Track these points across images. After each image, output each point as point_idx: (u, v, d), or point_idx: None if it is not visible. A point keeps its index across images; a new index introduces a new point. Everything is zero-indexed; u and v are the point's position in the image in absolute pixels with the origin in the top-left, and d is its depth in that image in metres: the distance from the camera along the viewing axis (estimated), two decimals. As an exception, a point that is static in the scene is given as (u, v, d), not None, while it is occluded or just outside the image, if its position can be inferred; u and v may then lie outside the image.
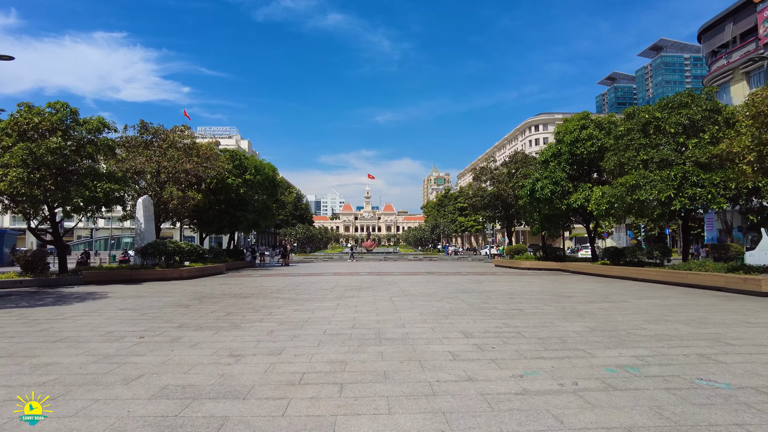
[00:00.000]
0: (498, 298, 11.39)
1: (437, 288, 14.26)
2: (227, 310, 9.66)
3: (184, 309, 9.86)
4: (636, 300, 11.03)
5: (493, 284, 15.69)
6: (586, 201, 22.36)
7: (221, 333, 7.06)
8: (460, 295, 12.23)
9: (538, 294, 12.47)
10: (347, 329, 7.27)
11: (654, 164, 17.31)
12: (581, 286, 14.83)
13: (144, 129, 25.26)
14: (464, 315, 8.67)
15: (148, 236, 21.55)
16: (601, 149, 22.93)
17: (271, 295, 12.43)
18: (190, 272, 19.67)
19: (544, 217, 25.10)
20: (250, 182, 31.43)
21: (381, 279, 18.40)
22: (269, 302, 10.94)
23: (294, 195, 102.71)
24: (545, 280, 17.81)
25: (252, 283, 16.68)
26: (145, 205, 21.82)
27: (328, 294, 12.73)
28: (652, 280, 16.09)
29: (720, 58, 41.86)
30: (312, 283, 16.45)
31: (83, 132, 17.33)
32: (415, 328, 7.29)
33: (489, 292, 13.02)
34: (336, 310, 9.40)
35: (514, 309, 9.49)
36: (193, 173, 23.90)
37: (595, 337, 6.61)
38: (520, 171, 32.72)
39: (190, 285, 16.02)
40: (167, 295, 12.83)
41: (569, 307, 9.73)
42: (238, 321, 8.20)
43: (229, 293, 13.14)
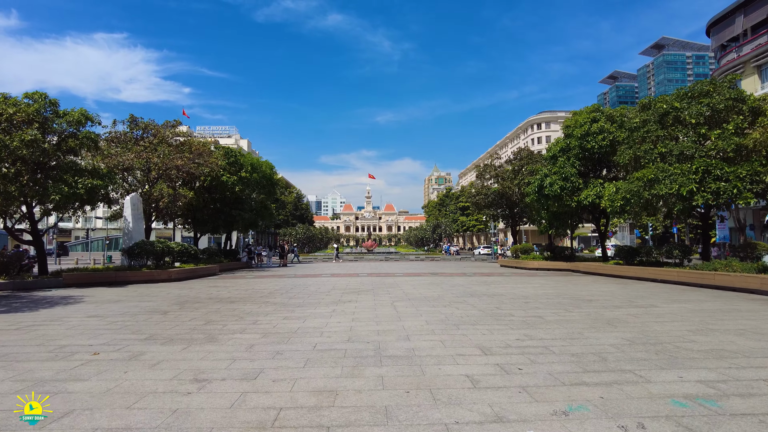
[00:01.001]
0: (512, 303, 10.26)
1: (443, 291, 13.14)
2: (208, 317, 8.56)
3: (160, 316, 8.76)
4: (665, 304, 9.90)
5: (502, 286, 14.57)
6: (597, 197, 21.25)
7: (192, 348, 5.96)
8: (469, 299, 11.11)
9: (555, 297, 11.35)
10: (342, 343, 6.16)
11: (673, 157, 16.18)
12: (599, 288, 13.70)
13: (134, 124, 24.19)
14: (477, 324, 7.55)
15: (137, 236, 20.47)
16: (612, 143, 21.82)
17: (260, 300, 11.32)
18: (179, 274, 18.57)
19: (552, 214, 23.97)
20: (246, 180, 30.36)
21: (382, 281, 17.29)
22: (257, 308, 9.84)
23: (294, 195, 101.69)
24: (557, 281, 16.69)
25: (243, 286, 15.58)
26: (133, 203, 20.73)
27: (324, 298, 11.61)
28: (673, 281, 14.96)
29: (730, 51, 40.66)
30: (307, 286, 15.34)
31: (64, 125, 16.25)
32: (422, 342, 6.17)
33: (500, 295, 11.89)
34: (330, 318, 8.29)
35: (532, 316, 8.37)
36: (185, 170, 22.80)
37: (638, 352, 5.49)
38: (526, 168, 31.60)
39: (176, 288, 14.92)
40: (148, 299, 11.73)
41: (594, 314, 8.61)
42: (216, 332, 7.10)
43: (216, 297, 12.03)
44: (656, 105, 17.67)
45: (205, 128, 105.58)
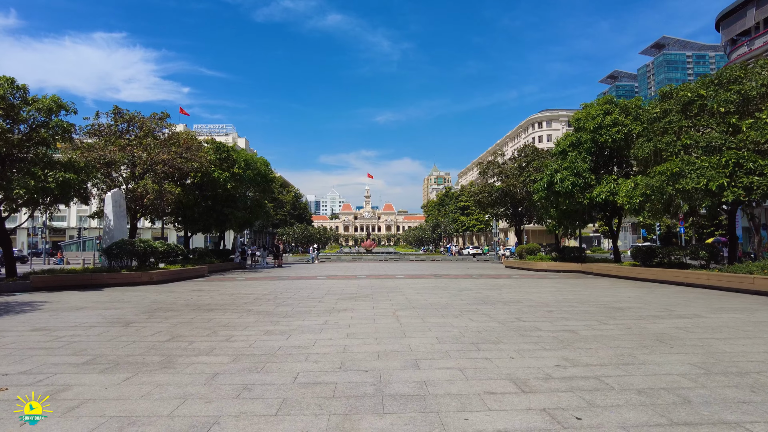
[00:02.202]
0: (533, 312, 8.89)
1: (451, 297, 11.76)
2: (175, 331, 7.16)
3: (120, 329, 7.37)
4: (712, 314, 8.53)
5: (515, 291, 13.20)
6: (611, 194, 19.91)
7: (137, 378, 4.57)
8: (482, 306, 9.73)
9: (579, 305, 9.98)
10: (332, 372, 4.77)
11: (699, 149, 14.84)
12: (623, 293, 12.33)
13: (118, 116, 22.76)
14: (500, 342, 6.17)
15: (119, 234, 19.07)
16: (627, 137, 20.47)
17: (243, 307, 9.92)
18: (162, 276, 17.16)
19: (562, 212, 22.61)
20: (240, 177, 28.95)
21: (382, 284, 15.90)
22: (236, 318, 8.44)
23: (292, 194, 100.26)
24: (573, 284, 15.33)
25: (230, 289, 14.18)
26: (114, 200, 19.33)
27: (316, 305, 10.22)
28: (702, 285, 13.60)
29: (741, 45, 39.37)
30: (300, 290, 13.94)
31: (33, 112, 14.84)
32: (436, 371, 4.79)
33: (516, 302, 10.51)
34: (321, 333, 6.90)
35: (563, 330, 7.00)
36: (171, 164, 21.38)
37: (725, 388, 4.12)
38: (532, 164, 30.24)
39: (155, 292, 13.52)
40: (118, 305, 10.34)
41: (635, 327, 7.23)
42: (177, 352, 5.71)
43: (194, 304, 10.64)
44: (679, 93, 16.32)
45: (203, 126, 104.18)
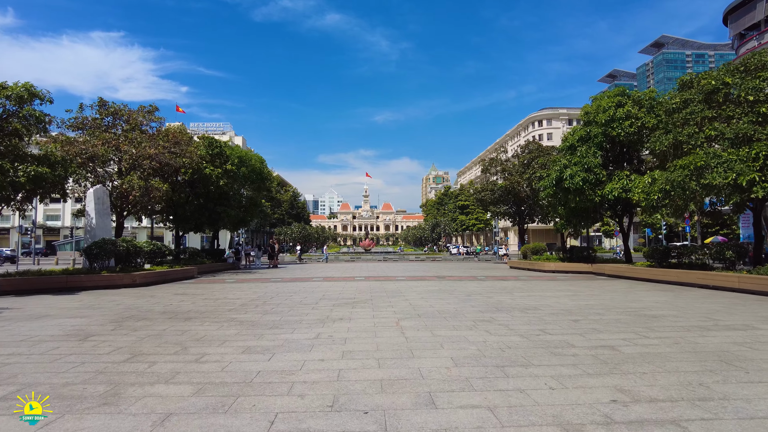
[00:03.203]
0: (557, 322, 7.74)
1: (459, 302, 10.61)
2: (139, 347, 6.00)
3: (73, 345, 6.21)
4: (765, 325, 7.41)
5: (528, 295, 12.06)
6: (623, 191, 18.84)
7: (58, 424, 3.40)
8: (497, 315, 8.58)
9: (605, 312, 8.84)
10: (320, 414, 3.61)
11: (726, 141, 13.73)
12: (648, 298, 11.21)
13: (103, 108, 21.54)
14: (530, 364, 5.03)
15: (101, 233, 17.87)
16: (641, 130, 19.40)
17: (225, 316, 8.76)
18: (145, 278, 15.98)
19: (571, 210, 21.48)
20: (233, 174, 27.77)
21: (382, 286, 14.75)
22: (215, 329, 7.28)
23: (290, 193, 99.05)
24: (589, 287, 14.21)
25: (216, 293, 13.01)
26: (97, 197, 18.14)
27: (309, 313, 9.06)
28: (731, 288, 12.50)
29: (749, 40, 38.35)
30: (293, 294, 12.78)
31: (3, 100, 13.65)
32: (459, 412, 3.62)
33: (534, 308, 9.37)
34: (311, 351, 5.74)
35: (601, 347, 5.86)
36: (158, 159, 20.19)
37: None
38: (537, 160, 29.14)
39: (134, 296, 12.35)
40: (86, 312, 9.17)
41: (683, 341, 6.10)
42: (130, 378, 4.55)
43: (173, 310, 9.47)
44: (701, 82, 15.21)
45: (199, 125, 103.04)
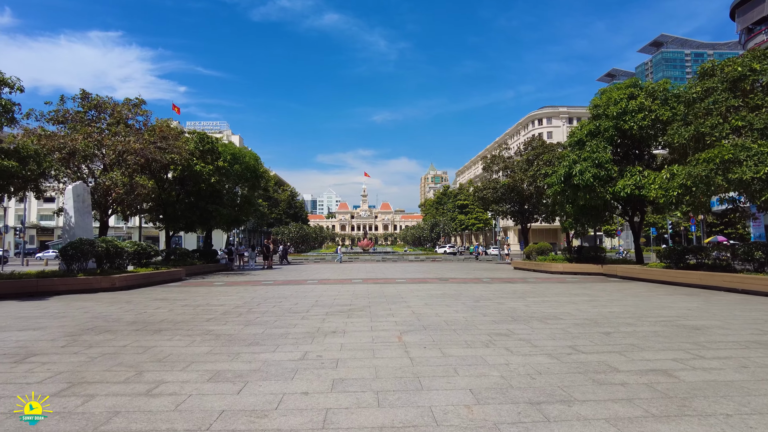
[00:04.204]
0: (586, 335, 6.62)
1: (468, 310, 9.48)
2: (81, 373, 4.85)
3: (4, 368, 5.06)
4: (830, 339, 6.31)
5: (543, 300, 10.94)
6: (636, 188, 17.78)
7: None
8: (515, 327, 7.44)
9: (636, 321, 7.73)
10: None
11: (755, 132, 12.65)
12: (676, 304, 10.10)
13: (86, 101, 20.36)
14: (573, 400, 3.90)
15: (82, 233, 16.66)
16: (654, 123, 18.32)
17: (203, 326, 7.61)
18: (126, 281, 14.82)
19: (579, 208, 20.37)
20: (225, 171, 26.61)
21: (381, 290, 13.61)
22: (185, 346, 6.14)
23: (288, 193, 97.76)
24: (605, 290, 13.10)
25: (199, 299, 11.85)
26: (77, 194, 16.95)
27: (297, 325, 7.91)
28: (763, 292, 11.42)
29: (758, 34, 37.31)
30: (283, 299, 11.63)
31: (-34, 88, 12.48)
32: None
33: (554, 318, 8.24)
34: (292, 381, 4.59)
35: (651, 370, 4.73)
36: (144, 154, 19.00)
37: None
38: (542, 157, 28.05)
39: (107, 302, 11.19)
40: (45, 323, 8.01)
41: (751, 363, 4.99)
42: (48, 426, 3.41)
43: (145, 320, 8.32)
44: (725, 69, 14.12)
45: (195, 124, 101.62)
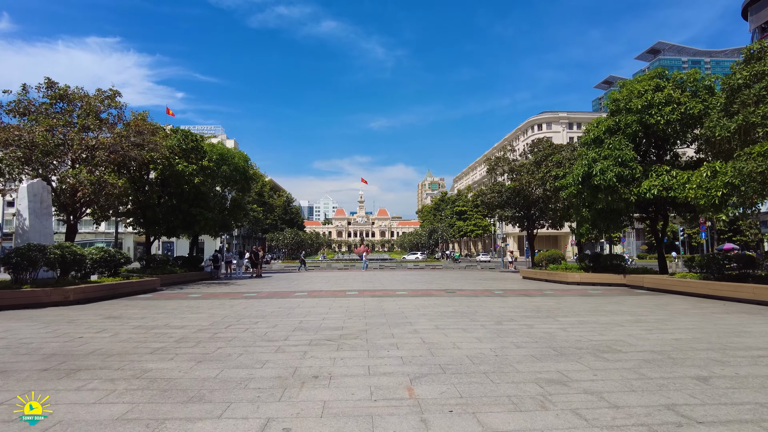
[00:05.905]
0: (678, 384, 4.60)
1: (493, 336, 7.42)
2: None
3: None
4: None
5: (581, 321, 8.91)
6: (663, 188, 15.91)
7: None
8: (567, 367, 5.39)
9: (727, 358, 5.73)
10: None
11: (820, 121, 10.81)
12: (755, 327, 8.10)
13: (51, 90, 18.28)
14: None
15: (37, 237, 14.53)
16: (684, 118, 16.49)
17: (136, 365, 5.52)
18: (85, 293, 12.70)
19: (598, 212, 18.44)
20: (211, 171, 24.58)
21: (380, 306, 11.53)
22: (90, 404, 4.05)
23: (284, 198, 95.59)
24: (646, 307, 11.10)
25: (158, 318, 9.74)
26: (33, 193, 14.91)
27: (266, 363, 5.82)
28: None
29: (771, 33, 35.90)
30: (260, 319, 9.54)
31: None
32: None
33: (612, 351, 6.20)
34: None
35: None
36: (115, 150, 16.96)
37: None
38: (552, 158, 26.19)
39: (45, 321, 9.07)
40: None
41: None
42: None
43: (67, 351, 6.23)
44: (777, 50, 12.32)
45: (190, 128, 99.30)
